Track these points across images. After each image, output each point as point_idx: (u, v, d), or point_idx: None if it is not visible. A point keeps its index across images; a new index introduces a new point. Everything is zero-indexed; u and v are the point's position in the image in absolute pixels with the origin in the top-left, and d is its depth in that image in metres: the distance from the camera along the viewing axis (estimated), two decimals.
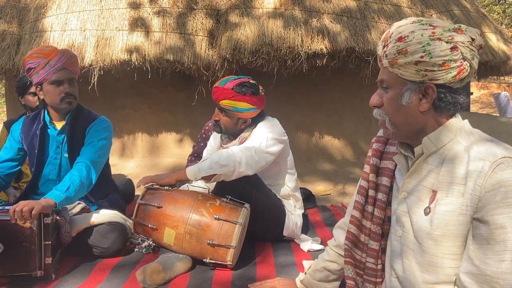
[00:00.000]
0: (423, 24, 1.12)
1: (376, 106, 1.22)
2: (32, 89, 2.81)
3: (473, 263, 1.04)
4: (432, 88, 1.12)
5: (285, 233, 2.39)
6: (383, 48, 1.17)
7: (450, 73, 1.10)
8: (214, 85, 2.37)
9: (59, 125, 2.32)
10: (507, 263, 0.99)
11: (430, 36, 1.09)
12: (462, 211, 1.06)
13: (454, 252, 1.09)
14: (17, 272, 1.84)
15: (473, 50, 1.11)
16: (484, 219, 1.02)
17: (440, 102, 1.14)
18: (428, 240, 1.11)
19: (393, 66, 1.15)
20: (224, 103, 2.31)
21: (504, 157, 1.03)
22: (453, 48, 1.09)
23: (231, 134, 2.44)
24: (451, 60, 1.08)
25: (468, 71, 1.11)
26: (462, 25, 1.14)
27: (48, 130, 2.33)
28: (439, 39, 1.09)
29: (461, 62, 1.10)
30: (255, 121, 2.40)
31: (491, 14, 13.76)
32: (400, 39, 1.12)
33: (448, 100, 1.13)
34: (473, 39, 1.11)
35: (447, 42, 1.09)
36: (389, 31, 1.17)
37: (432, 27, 1.11)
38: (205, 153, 2.67)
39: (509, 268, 0.99)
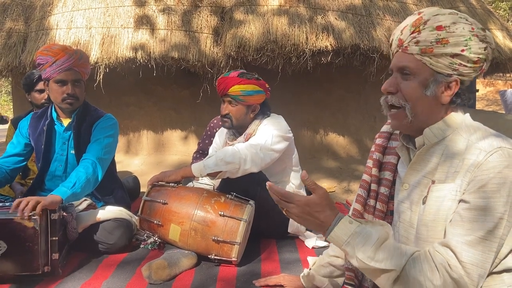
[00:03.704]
0: (461, 18, 1.11)
1: (390, 92, 1.18)
2: (38, 87, 2.83)
3: (446, 235, 1.06)
4: (457, 82, 1.12)
5: (289, 230, 2.40)
6: (412, 34, 1.12)
7: (476, 71, 1.11)
8: (218, 78, 2.39)
9: (65, 121, 2.35)
10: (473, 238, 1.01)
11: (470, 31, 1.08)
12: (452, 196, 1.07)
13: (443, 237, 1.09)
14: (20, 272, 1.82)
15: (492, 53, 1.12)
16: (466, 199, 1.04)
17: (457, 98, 1.14)
18: (421, 227, 1.12)
19: (424, 54, 1.11)
20: (234, 89, 2.32)
21: (500, 147, 1.04)
22: (485, 48, 1.10)
23: (242, 126, 2.43)
24: (482, 59, 1.09)
25: (482, 73, 1.14)
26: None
27: (55, 126, 2.35)
28: (477, 35, 1.09)
29: (483, 63, 1.11)
30: (262, 112, 2.42)
31: (497, 11, 13.66)
32: (440, 28, 1.09)
33: (465, 96, 1.15)
34: (492, 44, 1.13)
35: (481, 41, 1.09)
36: (420, 16, 1.13)
37: (470, 23, 1.10)
38: (210, 150, 2.69)
39: (474, 243, 1.00)
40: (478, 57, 1.09)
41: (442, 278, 1.01)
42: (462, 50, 1.08)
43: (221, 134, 2.65)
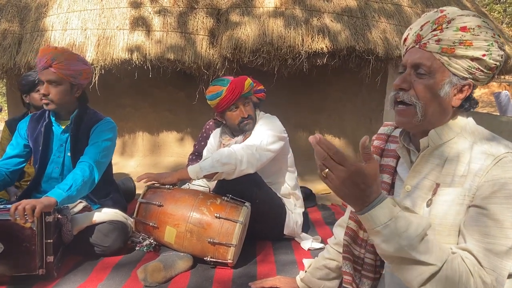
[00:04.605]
0: (484, 22, 1.10)
1: (402, 89, 1.15)
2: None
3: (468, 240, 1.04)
4: (470, 86, 1.11)
5: (285, 232, 2.40)
6: (433, 31, 1.10)
7: (489, 78, 1.11)
8: (229, 85, 2.30)
9: (64, 124, 2.34)
10: (493, 245, 1.00)
11: (492, 36, 1.08)
12: (460, 201, 1.07)
13: (449, 242, 1.09)
14: (17, 273, 1.83)
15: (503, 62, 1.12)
16: (480, 205, 1.03)
17: (466, 102, 1.14)
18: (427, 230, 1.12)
19: (443, 54, 1.09)
20: (246, 85, 2.35)
21: (507, 153, 1.04)
22: (502, 56, 1.09)
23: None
24: (498, 66, 1.09)
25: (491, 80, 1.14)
26: None
27: (53, 128, 2.34)
28: (497, 42, 1.08)
29: (496, 70, 1.11)
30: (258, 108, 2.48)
31: (491, 13, 13.74)
32: (464, 29, 1.07)
33: (474, 101, 1.15)
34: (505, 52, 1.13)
35: (500, 48, 1.08)
36: (444, 15, 1.11)
37: (491, 28, 1.09)
38: (205, 152, 2.68)
39: (496, 250, 1.00)
40: (495, 64, 1.08)
41: (475, 284, 0.99)
42: (483, 55, 1.07)
43: (215, 136, 2.65)
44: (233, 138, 2.47)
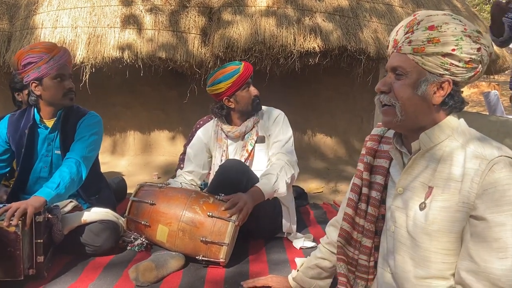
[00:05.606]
0: (455, 19, 1.12)
1: (383, 92, 1.19)
2: None
3: (474, 260, 1.04)
4: (449, 83, 1.12)
5: (284, 229, 2.40)
6: (406, 34, 1.14)
7: (470, 73, 1.12)
8: (243, 62, 2.42)
9: (49, 123, 2.29)
10: (508, 261, 1.00)
11: (462, 31, 1.09)
12: (459, 208, 1.07)
13: (447, 248, 1.10)
14: (1, 278, 1.75)
15: (488, 56, 1.13)
16: (483, 217, 1.03)
17: (450, 100, 1.14)
18: (423, 235, 1.12)
19: (416, 54, 1.12)
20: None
21: (501, 156, 1.04)
22: (479, 49, 1.10)
23: None
24: (475, 60, 1.10)
25: (479, 75, 1.14)
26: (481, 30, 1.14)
27: (38, 129, 2.30)
28: (469, 36, 1.09)
29: (478, 64, 1.11)
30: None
31: (481, 13, 13.88)
32: (432, 27, 1.10)
33: (458, 98, 1.15)
34: (487, 46, 1.13)
35: (474, 42, 1.10)
36: (415, 17, 1.15)
37: (463, 24, 1.11)
38: (189, 149, 2.60)
39: (510, 266, 1.00)
40: (470, 58, 1.09)
41: None
42: (453, 50, 1.08)
43: (205, 131, 2.58)
44: (236, 126, 2.44)
